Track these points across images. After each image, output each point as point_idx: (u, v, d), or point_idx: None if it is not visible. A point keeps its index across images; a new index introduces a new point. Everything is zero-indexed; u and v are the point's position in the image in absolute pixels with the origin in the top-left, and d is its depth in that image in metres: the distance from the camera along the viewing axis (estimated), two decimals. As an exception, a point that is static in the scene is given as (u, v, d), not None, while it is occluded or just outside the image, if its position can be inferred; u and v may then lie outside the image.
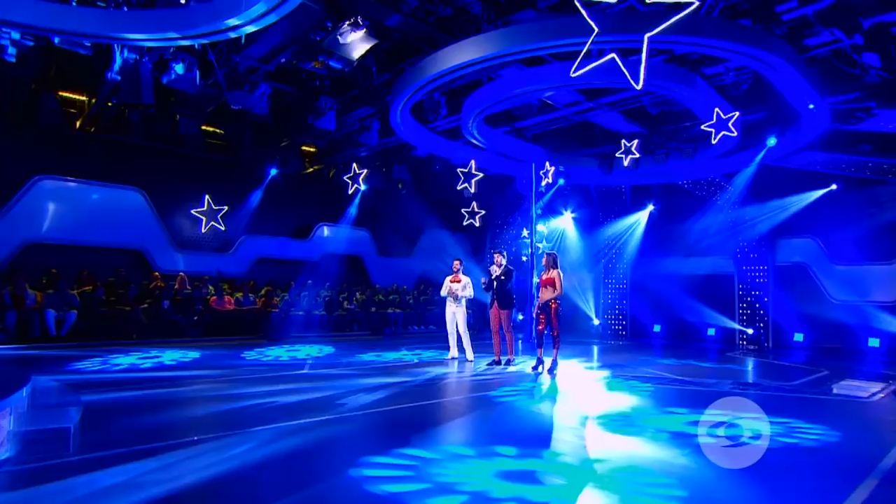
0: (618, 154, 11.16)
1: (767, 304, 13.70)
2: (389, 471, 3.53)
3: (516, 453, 3.95)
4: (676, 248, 15.33)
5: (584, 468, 3.75)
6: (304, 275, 14.60)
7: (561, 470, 3.66)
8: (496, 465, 3.70)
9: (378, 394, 6.00)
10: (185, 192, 13.84)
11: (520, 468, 3.64)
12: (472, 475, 3.47)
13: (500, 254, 9.16)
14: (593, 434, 4.65)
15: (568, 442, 4.40)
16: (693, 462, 3.88)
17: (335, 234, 16.05)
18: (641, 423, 4.98)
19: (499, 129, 12.22)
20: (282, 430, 4.38)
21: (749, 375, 8.83)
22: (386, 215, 16.68)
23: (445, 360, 9.20)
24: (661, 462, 3.88)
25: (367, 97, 11.26)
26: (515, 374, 7.96)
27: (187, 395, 5.94)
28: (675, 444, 4.30)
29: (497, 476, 3.48)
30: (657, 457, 4.00)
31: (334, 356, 9.41)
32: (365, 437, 4.47)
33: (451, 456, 3.86)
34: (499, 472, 3.54)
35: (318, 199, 15.91)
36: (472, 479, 3.41)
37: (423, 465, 3.62)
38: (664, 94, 9.16)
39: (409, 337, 13.75)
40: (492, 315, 9.05)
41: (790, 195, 12.73)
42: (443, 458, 3.81)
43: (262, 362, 8.42)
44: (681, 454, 4.04)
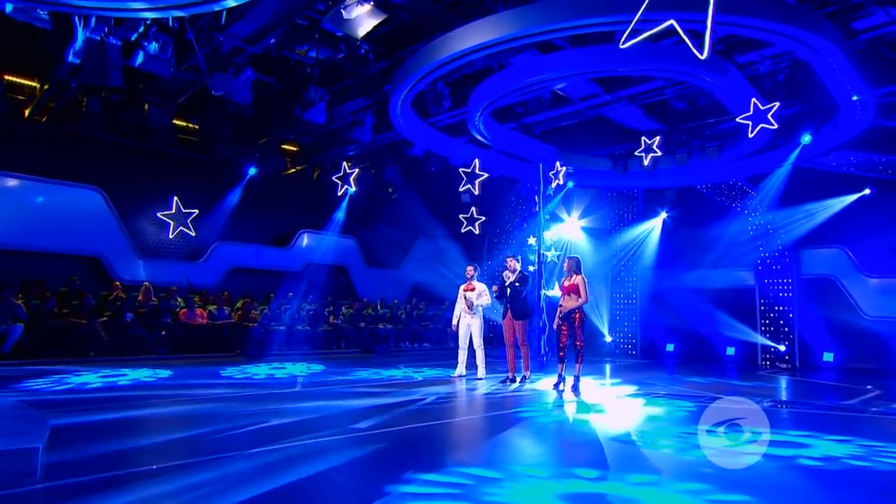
0: (637, 153, 11.01)
1: (793, 320, 13.57)
2: (434, 488, 3.34)
3: (582, 475, 3.72)
4: (692, 259, 15.18)
5: (672, 493, 3.46)
6: (284, 286, 14.23)
7: (649, 497, 3.38)
8: (562, 487, 3.48)
9: (391, 412, 5.79)
10: (151, 193, 13.38)
11: (591, 490, 3.43)
12: (530, 496, 3.33)
13: (515, 258, 8.95)
14: (658, 453, 4.39)
15: (637, 462, 4.14)
16: (800, 487, 3.62)
17: (318, 242, 15.72)
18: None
19: (505, 126, 11.99)
20: (298, 451, 4.15)
21: (793, 394, 8.72)
22: (374, 222, 16.42)
23: (452, 378, 8.96)
24: (760, 487, 3.58)
25: (363, 87, 10.95)
26: (535, 393, 7.77)
27: (171, 416, 5.55)
28: (765, 467, 4.03)
29: (563, 499, 3.27)
30: (750, 480, 3.71)
31: (326, 374, 9.15)
32: (394, 456, 4.22)
33: (507, 475, 3.67)
34: (565, 495, 3.33)
35: (301, 203, 15.58)
36: (530, 500, 3.28)
37: (475, 485, 3.45)
38: (693, 82, 9.01)
39: (403, 355, 13.48)
40: (505, 326, 8.80)
41: (818, 200, 12.63)
42: (498, 477, 3.60)
43: (246, 381, 8.11)
44: (776, 477, 3.79)
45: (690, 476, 3.77)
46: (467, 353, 9.22)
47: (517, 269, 8.81)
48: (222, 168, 14.27)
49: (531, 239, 13.21)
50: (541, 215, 12.64)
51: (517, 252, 14.01)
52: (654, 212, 15.56)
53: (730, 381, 9.92)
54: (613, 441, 4.83)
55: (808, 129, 10.18)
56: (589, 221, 15.86)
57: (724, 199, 13.99)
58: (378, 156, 14.08)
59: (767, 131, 10.07)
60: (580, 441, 4.98)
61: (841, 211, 12.82)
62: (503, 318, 8.80)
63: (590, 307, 15.50)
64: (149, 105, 12.95)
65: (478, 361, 9.09)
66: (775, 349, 13.59)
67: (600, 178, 13.81)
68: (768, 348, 13.91)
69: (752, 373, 11.64)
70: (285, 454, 4.03)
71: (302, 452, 4.13)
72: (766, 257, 14.04)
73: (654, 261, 15.76)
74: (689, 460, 4.19)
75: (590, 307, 15.50)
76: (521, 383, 8.59)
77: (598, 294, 15.46)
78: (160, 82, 11.43)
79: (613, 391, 8.32)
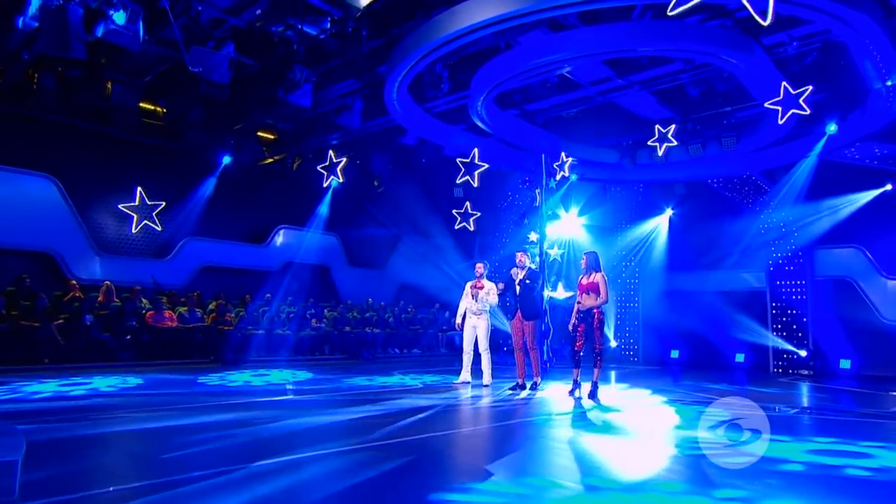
0: (650, 142, 10.91)
1: (807, 325, 13.59)
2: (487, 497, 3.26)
3: (663, 489, 3.59)
4: (698, 260, 15.18)
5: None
6: (261, 287, 13.95)
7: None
8: (649, 500, 3.33)
9: (403, 422, 5.58)
10: (112, 183, 12.88)
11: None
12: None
13: (524, 253, 8.78)
14: (728, 464, 4.21)
15: (713, 475, 3.94)
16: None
17: (298, 239, 15.41)
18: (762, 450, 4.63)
19: (508, 112, 11.79)
20: (325, 462, 4.04)
21: (831, 400, 8.77)
22: (359, 218, 16.17)
23: (455, 385, 8.80)
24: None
25: (354, 67, 10.64)
26: (550, 400, 7.63)
27: (166, 429, 5.15)
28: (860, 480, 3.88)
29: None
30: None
31: (316, 382, 8.91)
32: (430, 467, 4.09)
33: (576, 486, 3.58)
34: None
35: (278, 197, 15.26)
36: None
37: (535, 494, 3.38)
38: (718, 64, 8.91)
39: (393, 362, 13.30)
40: (513, 328, 8.64)
41: (837, 196, 12.65)
42: (563, 486, 3.54)
43: (230, 389, 7.82)
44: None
45: (783, 490, 3.60)
46: (472, 358, 9.02)
47: (527, 264, 8.64)
48: (192, 156, 13.81)
49: (532, 235, 12.99)
50: (542, 210, 12.50)
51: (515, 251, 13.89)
52: (659, 209, 15.52)
53: (752, 388, 9.90)
54: (671, 451, 4.68)
55: (834, 118, 10.18)
56: (588, 218, 15.75)
57: (735, 195, 14.00)
58: (365, 145, 13.76)
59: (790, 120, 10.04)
60: (633, 451, 4.85)
61: (858, 208, 12.91)
62: (511, 319, 8.63)
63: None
64: (112, 84, 12.40)
65: (483, 367, 8.95)
66: (791, 355, 13.59)
67: (606, 171, 13.72)
68: (780, 355, 13.93)
69: (771, 380, 11.63)
70: (313, 465, 3.92)
71: (331, 464, 4.00)
72: (778, 258, 14.08)
73: (657, 261, 15.73)
74: (767, 471, 4.04)
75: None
76: (533, 390, 8.44)
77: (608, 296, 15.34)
78: (126, 57, 10.96)
79: (634, 399, 8.21)
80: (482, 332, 8.84)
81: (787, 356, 13.82)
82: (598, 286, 7.87)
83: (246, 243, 14.84)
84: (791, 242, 13.76)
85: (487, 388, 8.64)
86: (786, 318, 13.99)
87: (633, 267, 15.96)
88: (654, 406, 7.39)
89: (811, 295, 13.75)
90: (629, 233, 15.37)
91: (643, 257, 15.51)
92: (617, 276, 15.89)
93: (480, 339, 8.85)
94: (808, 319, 13.66)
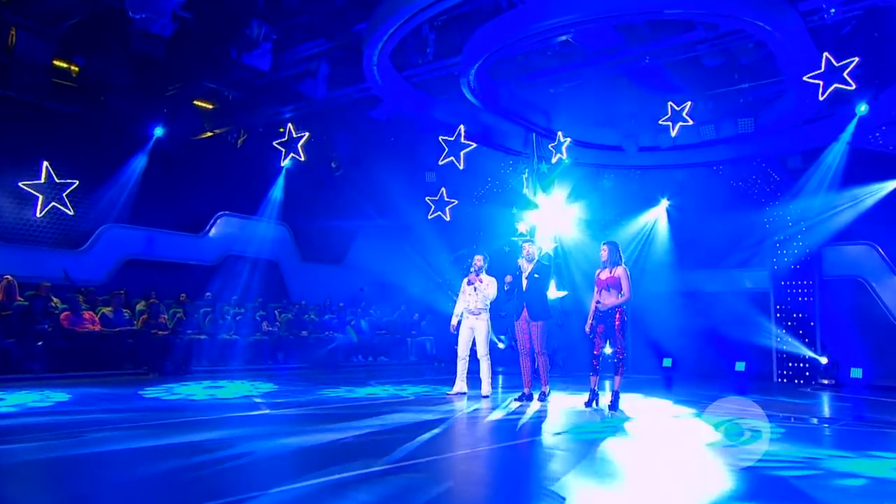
0: (662, 121, 10.83)
1: (814, 329, 13.88)
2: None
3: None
4: (694, 258, 15.33)
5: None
6: (198, 284, 13.44)
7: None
8: None
9: (416, 437, 5.45)
10: (11, 156, 12.00)
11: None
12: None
13: (532, 243, 8.72)
14: (824, 487, 4.19)
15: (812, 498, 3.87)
16: None
17: (242, 228, 14.93)
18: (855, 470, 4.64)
19: (499, 83, 11.51)
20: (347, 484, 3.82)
21: (867, 411, 8.92)
22: (313, 205, 15.78)
23: (449, 396, 8.66)
24: None
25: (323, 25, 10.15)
26: (569, 412, 7.64)
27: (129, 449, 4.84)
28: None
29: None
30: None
31: (286, 394, 8.66)
32: (484, 492, 4.01)
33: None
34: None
35: (219, 178, 14.55)
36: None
37: None
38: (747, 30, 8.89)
39: (359, 371, 13.09)
40: (519, 330, 8.50)
41: (850, 186, 12.80)
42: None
43: (186, 403, 7.55)
44: None
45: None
46: (467, 364, 8.86)
47: (535, 255, 8.51)
48: (116, 127, 12.91)
49: (521, 226, 12.77)
50: (534, 196, 12.32)
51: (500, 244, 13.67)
52: (653, 199, 15.57)
53: (777, 398, 10.09)
54: (748, 470, 4.53)
55: (865, 97, 10.34)
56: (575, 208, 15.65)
57: (742, 185, 14.16)
58: (328, 119, 13.26)
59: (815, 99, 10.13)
60: (704, 468, 4.75)
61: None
62: (516, 319, 8.48)
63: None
64: (17, 31, 11.34)
65: (482, 374, 8.79)
66: (797, 363, 13.83)
67: (602, 154, 13.63)
68: (785, 363, 14.20)
69: (796, 390, 11.94)
70: (355, 489, 3.71)
71: (375, 489, 3.79)
72: (783, 254, 14.33)
73: (650, 259, 15.79)
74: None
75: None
76: (542, 401, 8.33)
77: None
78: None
79: (659, 410, 8.21)
80: (481, 335, 8.67)
81: (794, 364, 14.08)
82: (620, 281, 7.74)
83: (179, 232, 14.22)
84: (798, 239, 14.01)
85: (487, 399, 8.47)
86: (791, 322, 14.25)
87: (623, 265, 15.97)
88: (688, 419, 7.37)
89: (818, 296, 14.05)
90: (625, 226, 15.32)
91: (636, 254, 15.54)
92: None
93: (479, 343, 8.68)
94: (815, 323, 13.95)
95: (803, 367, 13.94)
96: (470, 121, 12.09)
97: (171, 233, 14.02)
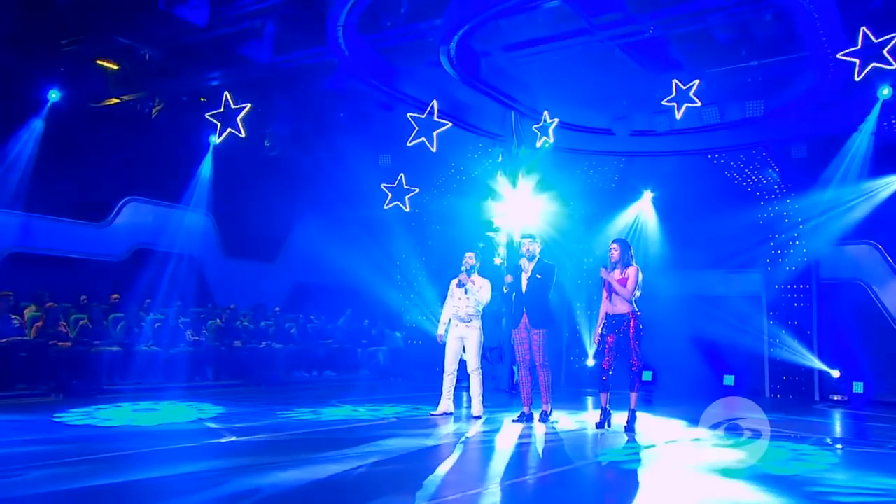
0: (666, 101, 10.86)
1: (811, 338, 14.26)
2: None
3: None
4: (678, 258, 15.52)
5: None
6: (102, 284, 12.93)
7: None
8: None
9: (428, 466, 5.73)
10: None
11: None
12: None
13: (533, 240, 8.65)
14: None
15: None
16: None
17: (155, 216, 14.44)
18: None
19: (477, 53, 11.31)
20: None
21: None
22: (241, 192, 15.31)
23: (433, 417, 8.67)
24: None
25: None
26: (580, 435, 7.80)
27: None
28: None
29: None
30: None
31: (242, 417, 8.53)
32: None
33: None
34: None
35: (129, 156, 13.85)
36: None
37: None
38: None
39: (306, 388, 12.92)
40: (517, 339, 8.53)
41: (869, 178, 13.02)
42: None
43: (126, 431, 7.35)
44: None
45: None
46: (455, 380, 8.79)
47: (536, 254, 8.49)
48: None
49: (496, 219, 12.61)
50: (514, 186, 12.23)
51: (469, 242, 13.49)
52: (635, 192, 15.72)
53: (791, 416, 10.38)
54: None
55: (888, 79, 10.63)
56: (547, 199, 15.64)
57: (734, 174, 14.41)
58: (268, 88, 12.83)
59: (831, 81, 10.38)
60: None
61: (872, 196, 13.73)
62: (515, 328, 8.52)
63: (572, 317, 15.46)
64: None
65: (472, 392, 8.81)
66: (792, 377, 14.14)
67: (585, 139, 13.67)
68: (779, 376, 14.55)
69: (811, 407, 12.39)
70: None
71: None
72: (777, 255, 14.71)
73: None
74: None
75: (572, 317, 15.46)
76: (544, 421, 8.35)
77: (575, 301, 15.50)
78: None
79: (673, 432, 8.36)
80: (472, 346, 8.63)
81: (787, 378, 14.44)
82: (631, 284, 7.86)
83: (78, 220, 13.53)
84: (794, 236, 14.37)
85: (479, 420, 8.49)
86: (785, 330, 14.60)
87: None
88: (713, 440, 7.52)
89: (815, 301, 14.47)
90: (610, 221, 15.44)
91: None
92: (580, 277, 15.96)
93: (470, 356, 8.63)
94: (812, 332, 14.35)
95: (798, 380, 14.34)
96: (440, 96, 11.87)
97: (68, 221, 13.34)
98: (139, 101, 13.62)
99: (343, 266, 15.22)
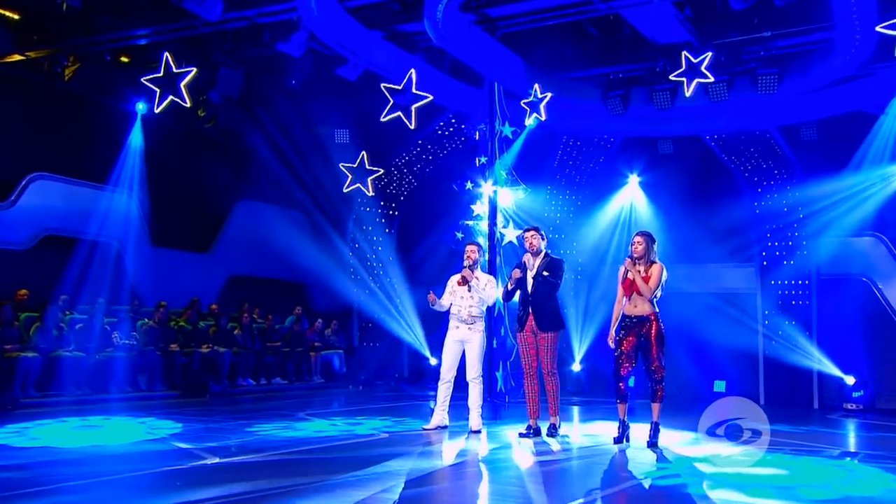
0: (673, 76, 10.96)
1: (810, 340, 14.62)
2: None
3: None
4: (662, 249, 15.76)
5: None
6: (3, 276, 12.82)
7: None
8: None
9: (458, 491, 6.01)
10: None
11: None
12: None
13: (537, 231, 8.67)
14: None
15: None
16: None
17: (67, 197, 13.99)
18: None
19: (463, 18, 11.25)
20: None
21: None
22: (171, 171, 15.08)
23: (426, 431, 8.81)
24: None
25: None
26: (599, 450, 7.95)
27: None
28: None
29: None
30: None
31: (206, 434, 8.62)
32: None
33: None
34: None
35: (35, 124, 13.71)
36: None
37: None
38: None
39: (262, 397, 13.21)
40: (522, 344, 8.64)
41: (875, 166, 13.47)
42: None
43: (79, 452, 7.33)
44: None
45: None
46: (451, 391, 8.85)
47: (543, 249, 8.56)
48: None
49: (477, 207, 12.51)
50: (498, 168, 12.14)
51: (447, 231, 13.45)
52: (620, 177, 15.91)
53: (820, 428, 10.92)
54: None
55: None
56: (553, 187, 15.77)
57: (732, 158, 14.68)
58: (213, 50, 12.57)
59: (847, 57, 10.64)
60: None
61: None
62: (519, 331, 8.62)
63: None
64: None
65: (470, 403, 8.83)
66: (853, 379, 14.32)
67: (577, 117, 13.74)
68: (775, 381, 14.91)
69: (826, 417, 12.74)
70: None
71: None
72: (774, 247, 15.03)
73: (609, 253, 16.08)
74: None
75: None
76: (552, 435, 8.50)
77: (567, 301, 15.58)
78: None
79: (698, 446, 8.48)
80: (474, 352, 8.65)
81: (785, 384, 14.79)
82: (654, 282, 8.08)
83: None
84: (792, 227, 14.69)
85: (478, 434, 8.57)
86: (782, 330, 14.96)
87: (580, 259, 16.25)
88: (752, 455, 7.63)
89: (815, 298, 14.85)
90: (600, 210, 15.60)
91: (602, 246, 15.90)
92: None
93: (471, 363, 8.63)
94: (811, 333, 14.73)
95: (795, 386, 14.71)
96: (417, 64, 11.80)
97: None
98: (49, 58, 13.20)
99: (290, 258, 15.13)
